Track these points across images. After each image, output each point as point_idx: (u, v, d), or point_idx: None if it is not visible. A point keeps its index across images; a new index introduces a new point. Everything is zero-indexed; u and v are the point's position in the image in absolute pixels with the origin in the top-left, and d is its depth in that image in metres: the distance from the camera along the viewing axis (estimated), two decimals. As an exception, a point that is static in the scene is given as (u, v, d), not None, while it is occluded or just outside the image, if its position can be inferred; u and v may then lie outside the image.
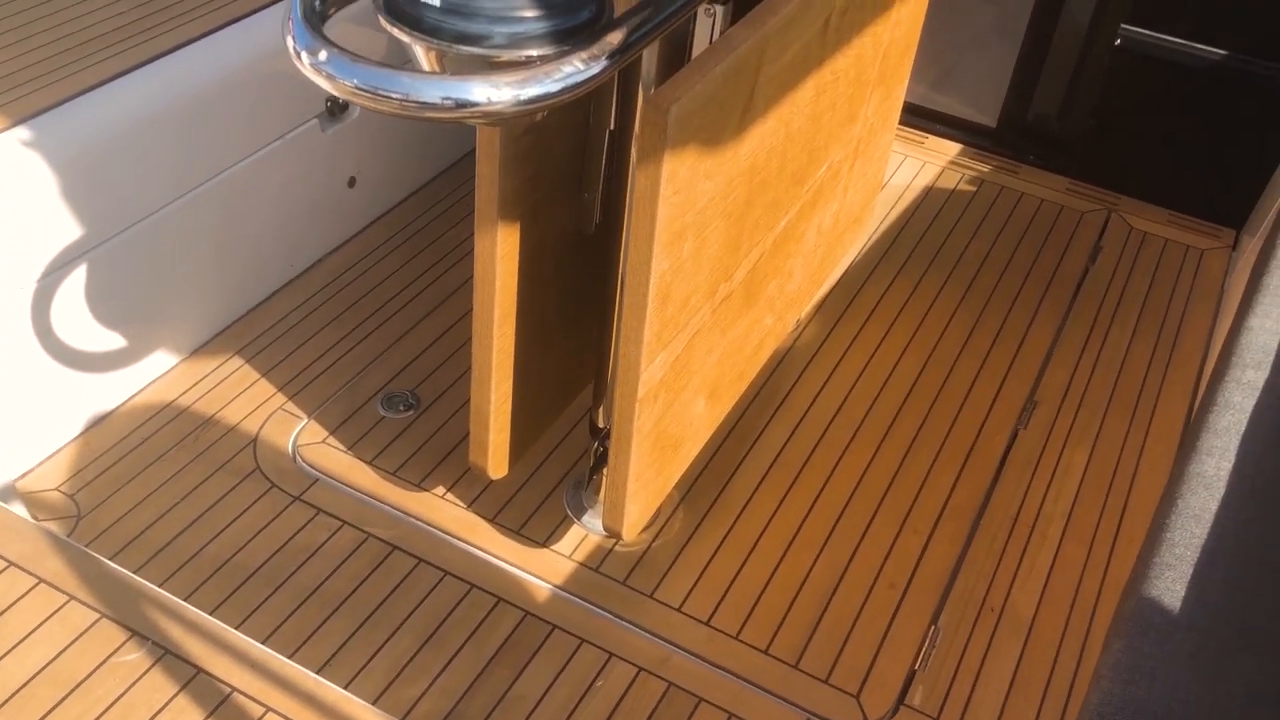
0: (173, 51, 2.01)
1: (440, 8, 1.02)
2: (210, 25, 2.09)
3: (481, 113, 1.00)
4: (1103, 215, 2.75)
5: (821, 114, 1.78)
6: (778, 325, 2.03)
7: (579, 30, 1.05)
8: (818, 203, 1.97)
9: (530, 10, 1.02)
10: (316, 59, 1.03)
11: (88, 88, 1.89)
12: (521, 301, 1.64)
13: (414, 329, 2.31)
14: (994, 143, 2.96)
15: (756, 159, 1.58)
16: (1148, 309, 2.49)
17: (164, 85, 1.97)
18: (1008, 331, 2.40)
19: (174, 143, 2.00)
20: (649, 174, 1.32)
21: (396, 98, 0.99)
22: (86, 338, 1.97)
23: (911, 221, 2.68)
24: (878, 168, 2.32)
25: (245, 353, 2.21)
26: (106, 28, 2.06)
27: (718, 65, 1.34)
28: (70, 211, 1.85)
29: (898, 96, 2.24)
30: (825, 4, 1.59)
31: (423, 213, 2.63)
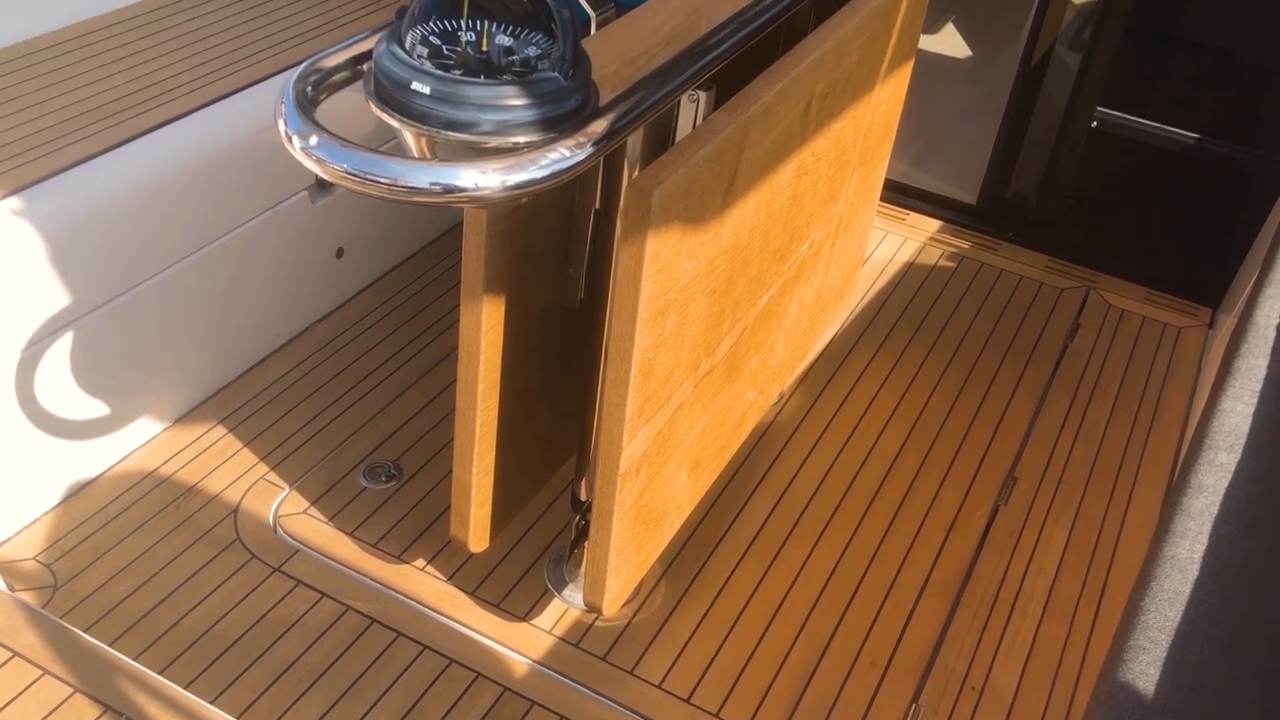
0: (165, 125, 2.04)
1: (430, 95, 1.04)
2: (203, 100, 2.12)
3: (469, 197, 1.02)
4: (1081, 292, 2.80)
5: (803, 194, 1.81)
6: (760, 399, 2.05)
7: (566, 118, 1.08)
8: (800, 279, 2.00)
9: (518, 99, 1.05)
10: (307, 143, 1.06)
11: (82, 159, 1.92)
12: (505, 375, 1.65)
13: (398, 399, 2.32)
14: (974, 220, 3.01)
15: (739, 238, 1.61)
16: (1126, 386, 2.52)
17: (156, 158, 2.00)
18: (988, 406, 2.43)
19: (164, 214, 2.02)
20: (632, 253, 1.34)
21: (385, 182, 1.02)
22: (71, 405, 1.97)
23: (893, 296, 2.72)
24: (859, 244, 2.36)
25: (229, 421, 2.21)
26: (101, 100, 2.09)
27: (700, 150, 1.37)
28: (60, 281, 1.86)
29: (878, 175, 2.29)
30: (806, 89, 1.63)
31: (409, 283, 2.65)
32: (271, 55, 2.30)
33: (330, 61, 1.17)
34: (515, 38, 1.10)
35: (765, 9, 1.38)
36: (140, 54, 2.26)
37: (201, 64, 2.25)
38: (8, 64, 2.17)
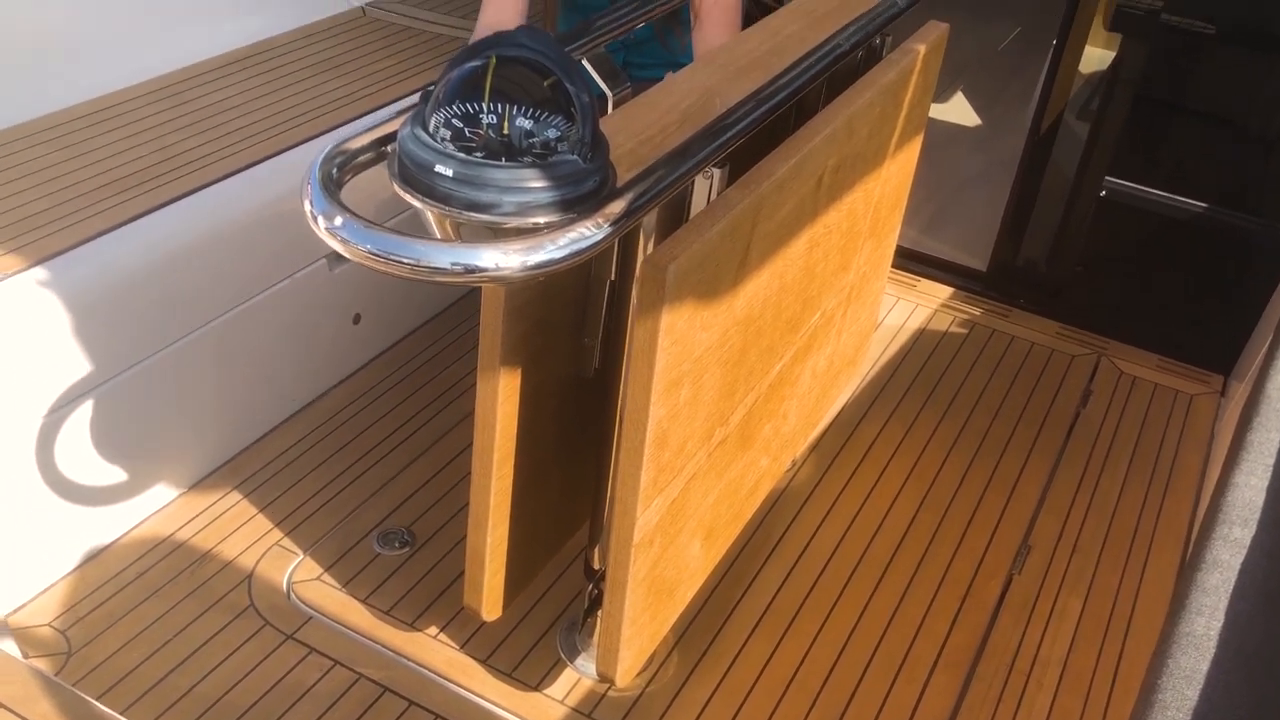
0: (186, 196, 2.08)
1: (452, 177, 1.07)
2: (223, 171, 2.17)
3: (489, 277, 1.04)
4: (1093, 359, 2.80)
5: (815, 265, 1.83)
6: (773, 466, 2.05)
7: (585, 199, 1.10)
8: (812, 347, 2.02)
9: (538, 181, 1.07)
10: (332, 224, 1.08)
11: (105, 230, 1.95)
12: (520, 444, 1.66)
13: (412, 464, 2.33)
14: (985, 286, 3.03)
15: (752, 309, 1.62)
16: (1139, 454, 2.51)
17: (177, 229, 2.03)
18: (1001, 474, 2.43)
19: (184, 283, 2.05)
20: (647, 326, 1.36)
21: (408, 263, 1.04)
22: (88, 472, 1.99)
23: (905, 363, 2.73)
24: (871, 312, 2.37)
25: (244, 487, 2.23)
26: (125, 172, 2.13)
27: (715, 225, 1.39)
28: (82, 349, 1.89)
29: (889, 245, 2.31)
30: (818, 164, 1.66)
31: (425, 348, 2.68)
32: (291, 128, 2.35)
33: (355, 143, 1.20)
34: (536, 120, 1.13)
35: (778, 89, 1.41)
36: (162, 126, 2.31)
37: (223, 136, 2.29)
38: (35, 135, 2.22)
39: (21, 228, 1.94)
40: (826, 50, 1.52)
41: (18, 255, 1.86)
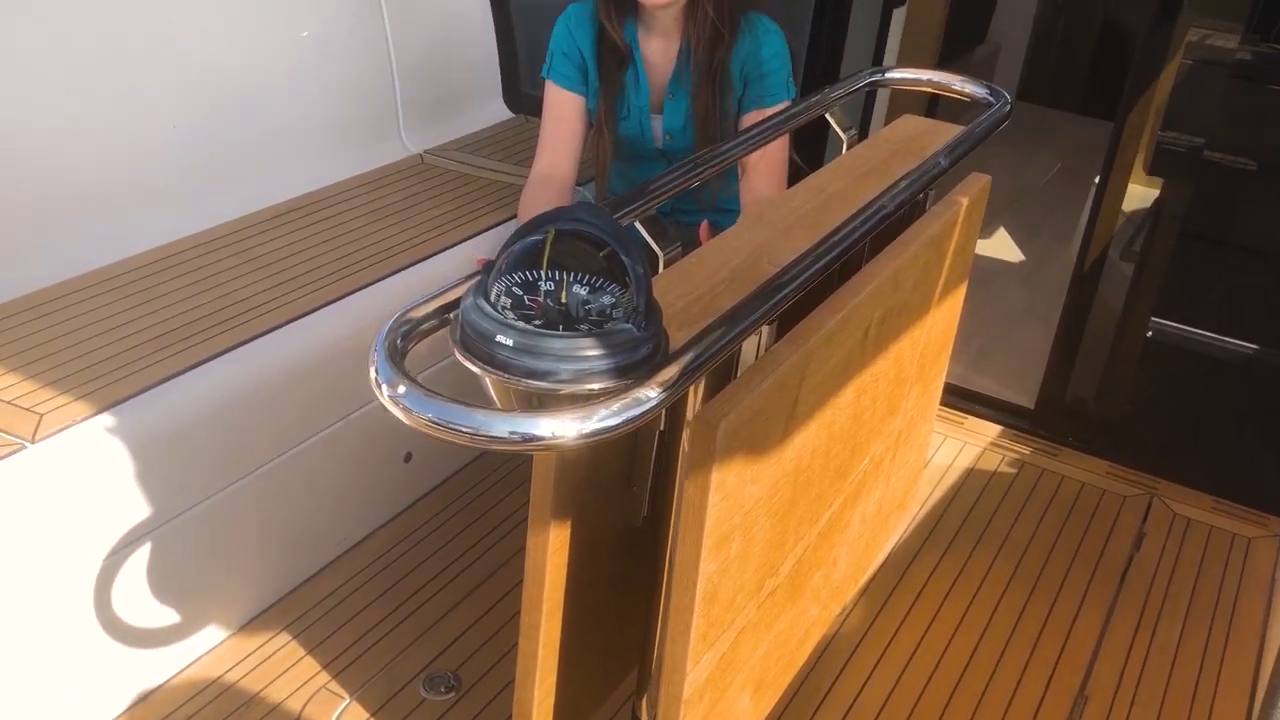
0: (245, 343, 2.14)
1: (512, 347, 1.10)
2: (285, 317, 2.23)
3: (546, 445, 1.07)
4: (1145, 500, 2.77)
5: (863, 412, 1.85)
6: (823, 614, 2.03)
7: (638, 365, 1.13)
8: (861, 493, 2.02)
9: (594, 350, 1.10)
10: (395, 392, 1.12)
11: (167, 377, 2.01)
12: (569, 594, 1.66)
13: (461, 603, 2.33)
14: (1033, 424, 3.02)
15: (800, 460, 1.63)
16: (1197, 599, 2.46)
17: (236, 376, 2.09)
18: (1056, 619, 2.38)
19: (242, 428, 2.10)
20: (698, 482, 1.38)
21: (467, 431, 1.07)
22: (142, 614, 2.01)
23: (954, 504, 2.71)
24: (919, 454, 2.37)
25: (293, 628, 2.23)
26: (187, 319, 2.20)
27: (764, 381, 1.42)
28: (141, 493, 1.93)
29: (936, 388, 2.32)
30: (864, 316, 1.69)
31: (474, 484, 2.70)
32: (348, 274, 2.42)
33: (420, 311, 1.25)
34: (591, 288, 1.17)
35: (826, 250, 1.45)
36: (224, 274, 2.39)
37: (283, 283, 2.37)
38: (104, 284, 2.31)
39: (88, 375, 2.00)
40: (872, 212, 1.57)
41: (84, 403, 1.92)
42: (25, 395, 1.94)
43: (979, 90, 2.07)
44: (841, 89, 2.06)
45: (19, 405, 1.90)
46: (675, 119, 2.50)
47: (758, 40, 2.42)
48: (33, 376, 1.99)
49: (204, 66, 2.66)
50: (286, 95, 2.85)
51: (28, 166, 2.33)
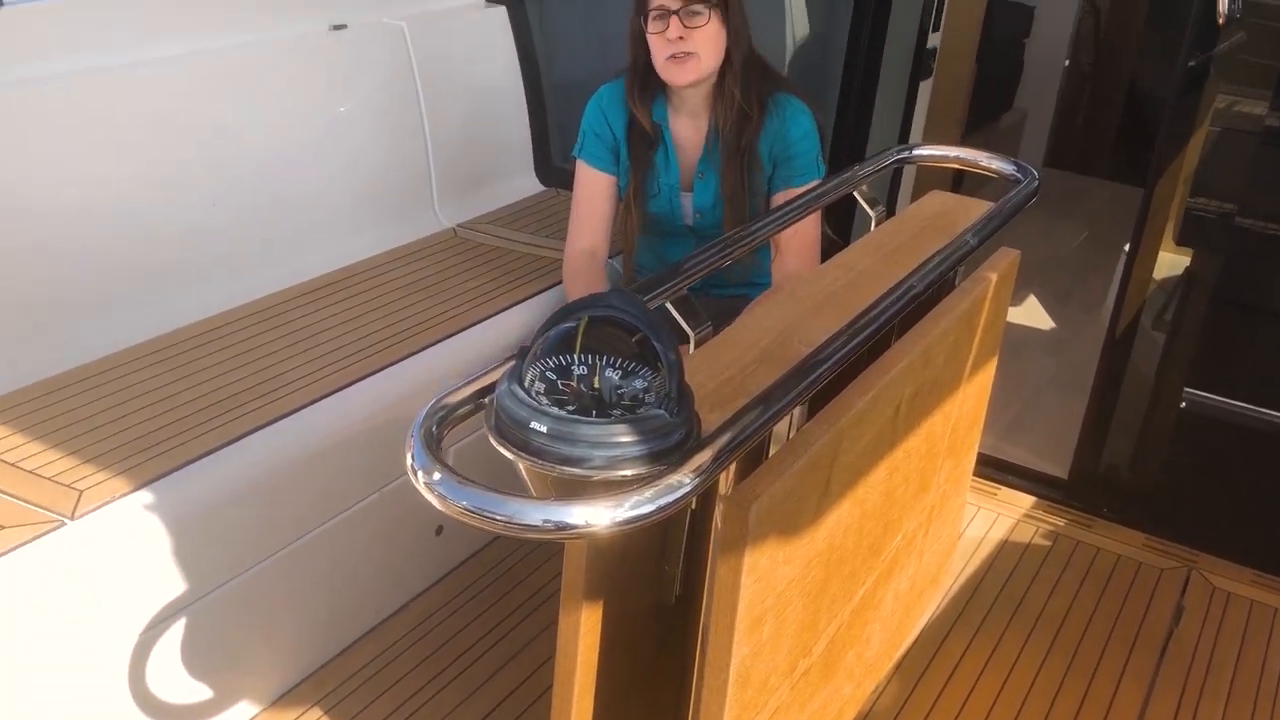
0: (286, 416, 2.17)
1: (547, 433, 1.12)
2: (323, 390, 2.26)
3: (579, 534, 1.08)
4: (1183, 573, 2.73)
5: (895, 489, 1.84)
6: (857, 692, 2.01)
7: (671, 451, 1.14)
8: (894, 570, 2.01)
9: (627, 436, 1.12)
10: (431, 479, 1.14)
11: (209, 450, 2.04)
12: (601, 673, 1.66)
13: (493, 677, 2.32)
14: (1066, 495, 2.99)
15: (833, 539, 1.63)
16: (1240, 676, 2.41)
17: (273, 450, 2.12)
18: (1094, 696, 2.34)
19: (279, 501, 2.12)
20: (730, 565, 1.38)
21: (501, 520, 1.08)
22: (176, 689, 2.02)
23: (988, 577, 2.68)
24: (952, 529, 2.36)
25: (325, 703, 2.23)
26: (230, 391, 2.23)
27: (796, 462, 1.42)
28: (178, 568, 1.95)
29: (969, 461, 2.31)
30: (895, 394, 1.69)
31: (505, 556, 2.70)
32: (385, 348, 2.46)
33: (456, 397, 1.27)
34: (624, 373, 1.18)
35: (856, 331, 1.46)
36: (265, 347, 2.43)
37: (320, 356, 2.40)
38: (147, 356, 2.35)
39: (127, 450, 2.03)
40: (901, 292, 1.58)
41: (123, 478, 1.94)
42: (65, 471, 1.97)
43: (1006, 167, 2.09)
44: (869, 167, 2.09)
45: (59, 481, 1.94)
46: (705, 197, 2.54)
47: (785, 121, 2.45)
48: (73, 452, 2.03)
49: (244, 144, 2.73)
50: (324, 171, 2.91)
51: (71, 242, 2.39)
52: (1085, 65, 5.61)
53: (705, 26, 2.36)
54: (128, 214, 2.48)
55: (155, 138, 2.54)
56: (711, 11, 2.36)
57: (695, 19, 2.35)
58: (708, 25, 2.36)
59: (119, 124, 2.48)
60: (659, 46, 2.39)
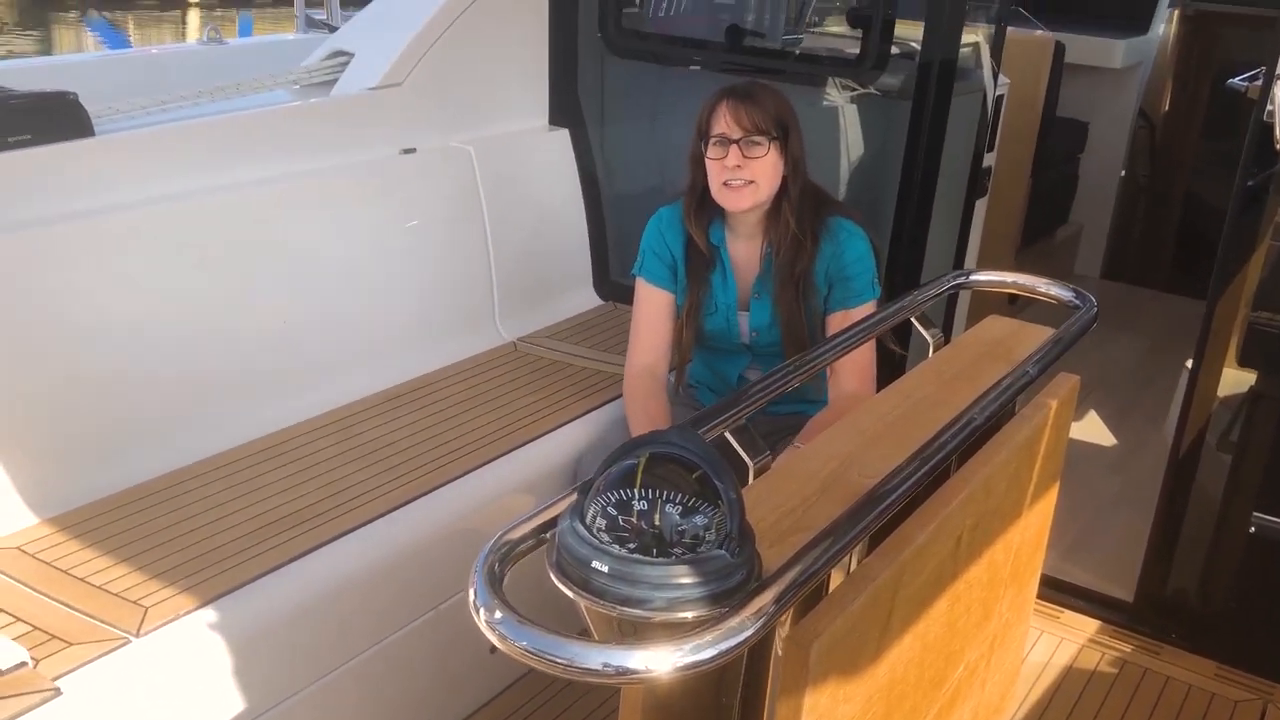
0: (349, 532, 2.20)
1: (608, 573, 1.13)
2: (386, 506, 2.30)
3: (640, 678, 1.08)
4: (1259, 706, 2.64)
5: (956, 620, 1.82)
6: (918, 829, 1.95)
7: (732, 592, 1.15)
8: (956, 701, 1.96)
9: (688, 578, 1.12)
10: (492, 617, 1.15)
11: (272, 568, 2.07)
12: (658, 807, 1.63)
13: (543, 805, 2.29)
14: (1132, 619, 2.92)
15: (894, 673, 1.61)
16: (1321, 818, 2.32)
17: (339, 565, 2.15)
18: (1167, 836, 2.25)
19: (339, 618, 2.14)
20: (790, 705, 1.36)
21: (561, 663, 1.09)
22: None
23: (1053, 705, 2.61)
24: (1014, 656, 2.31)
25: (376, 825, 2.22)
26: (295, 507, 2.28)
27: (856, 598, 1.41)
28: (238, 687, 1.96)
29: (1031, 587, 2.27)
30: (956, 525, 1.68)
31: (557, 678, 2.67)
32: (447, 463, 2.49)
33: (518, 533, 1.29)
34: (684, 508, 1.19)
35: (917, 467, 1.46)
36: (330, 461, 2.47)
37: (384, 471, 2.44)
38: (214, 471, 2.40)
39: (193, 566, 2.07)
40: (962, 424, 1.58)
41: (188, 595, 1.98)
42: (132, 587, 2.01)
43: (1064, 293, 2.09)
44: (927, 292, 2.10)
45: (125, 598, 1.97)
46: (761, 316, 2.57)
47: (840, 245, 2.49)
48: (140, 568, 2.07)
49: (315, 262, 2.81)
50: (391, 287, 2.99)
51: (144, 358, 2.46)
52: (1141, 178, 5.62)
53: (764, 157, 2.41)
54: (202, 330, 2.56)
55: (231, 257, 2.64)
56: (771, 143, 2.42)
57: (755, 149, 2.41)
58: (766, 156, 2.41)
59: (197, 244, 2.57)
60: (717, 172, 2.44)
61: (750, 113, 2.41)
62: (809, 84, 3.25)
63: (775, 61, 3.49)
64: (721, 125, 2.42)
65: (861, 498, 1.39)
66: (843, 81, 3.26)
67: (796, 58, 3.53)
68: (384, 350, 2.93)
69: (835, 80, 3.27)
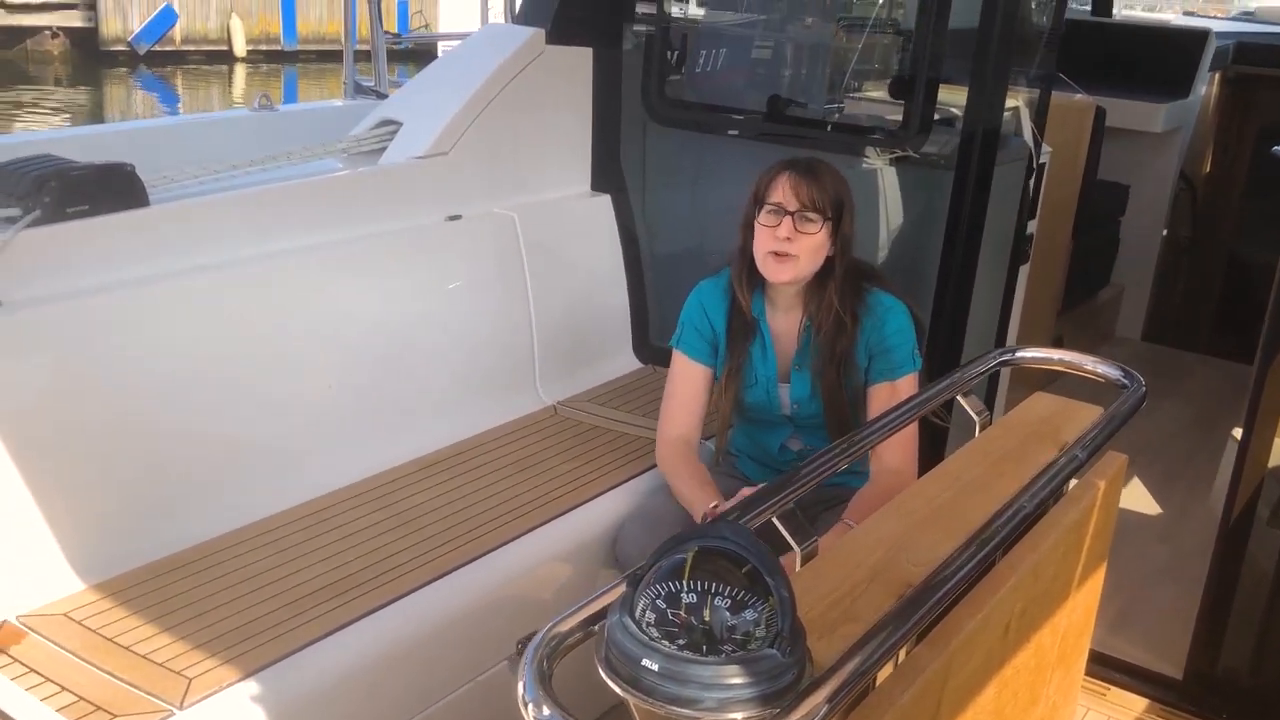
0: (391, 603, 2.20)
1: (658, 672, 1.12)
2: (427, 576, 2.30)
3: (691, 790, 1.07)
4: (1318, 797, 2.57)
5: (1004, 708, 1.79)
6: None
7: (783, 693, 1.14)
8: (1003, 788, 1.93)
9: (738, 678, 1.11)
10: (540, 713, 1.15)
11: (312, 640, 2.08)
12: None
13: None
14: (1181, 697, 2.86)
15: (943, 766, 1.58)
16: None
17: (381, 635, 2.15)
18: None
19: (382, 690, 2.13)
20: (839, 800, 1.34)
21: (609, 765, 1.08)
22: None
23: (1101, 788, 2.56)
24: (1062, 739, 2.26)
25: None
26: (335, 576, 2.28)
27: (906, 690, 1.39)
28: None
29: (1078, 669, 2.23)
30: (1005, 611, 1.66)
31: (596, 745, 2.66)
32: (487, 532, 2.49)
33: (566, 625, 1.28)
34: (733, 602, 1.19)
35: (968, 559, 1.45)
36: (370, 529, 2.48)
37: (425, 539, 2.45)
38: (254, 539, 2.42)
39: (237, 636, 2.08)
40: (1012, 513, 1.57)
41: (232, 666, 1.98)
42: (175, 657, 2.02)
43: (1112, 372, 2.07)
44: (972, 371, 2.09)
45: (169, 668, 1.98)
46: (802, 389, 2.56)
47: (880, 319, 2.49)
48: (183, 636, 2.08)
49: (360, 328, 2.84)
50: (434, 351, 3.01)
51: (186, 423, 2.48)
52: (1183, 239, 5.59)
53: (814, 235, 2.42)
54: (248, 395, 2.59)
55: (277, 322, 2.67)
56: (825, 224, 2.43)
57: (808, 224, 2.42)
58: (817, 235, 2.43)
59: (245, 310, 2.61)
60: (764, 239, 2.44)
61: (811, 188, 2.43)
62: (848, 151, 3.26)
63: (817, 131, 3.51)
64: (779, 195, 2.44)
65: (914, 590, 1.38)
66: (882, 148, 3.27)
67: (837, 126, 3.55)
68: (426, 415, 2.95)
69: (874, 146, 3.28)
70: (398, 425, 2.87)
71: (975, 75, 2.91)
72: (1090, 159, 4.53)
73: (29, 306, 2.26)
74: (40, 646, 2.05)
